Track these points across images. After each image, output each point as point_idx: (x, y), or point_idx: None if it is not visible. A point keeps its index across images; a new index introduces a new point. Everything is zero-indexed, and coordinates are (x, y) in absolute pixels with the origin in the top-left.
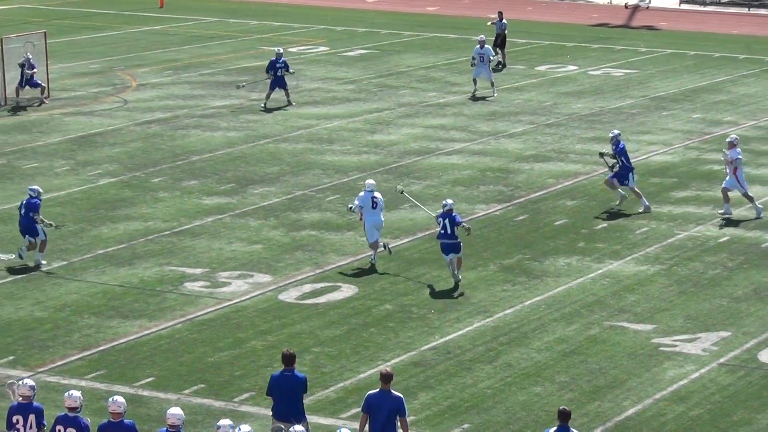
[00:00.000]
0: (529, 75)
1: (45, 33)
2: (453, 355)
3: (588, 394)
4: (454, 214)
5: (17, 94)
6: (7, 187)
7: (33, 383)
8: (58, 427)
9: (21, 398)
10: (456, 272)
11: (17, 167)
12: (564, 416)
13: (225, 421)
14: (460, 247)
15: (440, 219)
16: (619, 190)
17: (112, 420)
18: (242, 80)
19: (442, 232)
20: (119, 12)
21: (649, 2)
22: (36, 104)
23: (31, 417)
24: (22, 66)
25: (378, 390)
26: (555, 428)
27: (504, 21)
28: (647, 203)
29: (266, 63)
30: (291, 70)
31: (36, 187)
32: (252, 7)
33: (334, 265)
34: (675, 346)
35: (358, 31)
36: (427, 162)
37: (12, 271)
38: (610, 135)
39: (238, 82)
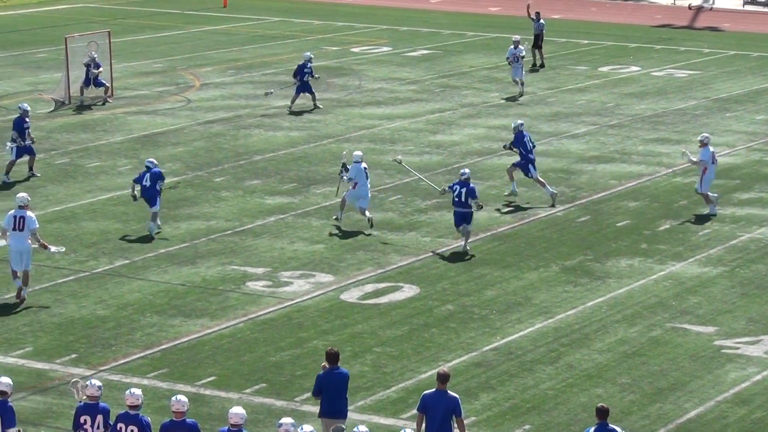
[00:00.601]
0: (592, 76)
1: (109, 32)
2: (514, 355)
3: (649, 395)
4: (471, 185)
5: (82, 93)
6: (70, 185)
7: (100, 383)
8: (120, 425)
9: (87, 398)
10: (465, 243)
11: (80, 166)
12: (602, 413)
13: (287, 420)
14: (472, 218)
15: (455, 187)
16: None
17: (175, 419)
18: (271, 89)
19: (457, 200)
20: (183, 11)
21: (713, 3)
22: (100, 103)
23: (99, 417)
24: (87, 65)
25: (434, 390)
26: (595, 427)
27: (542, 21)
28: (552, 191)
29: (329, 63)
30: (316, 75)
31: (153, 159)
32: (315, 6)
33: (395, 266)
34: (737, 348)
35: (421, 31)
36: (489, 162)
37: (74, 270)
38: (513, 125)
39: (266, 90)
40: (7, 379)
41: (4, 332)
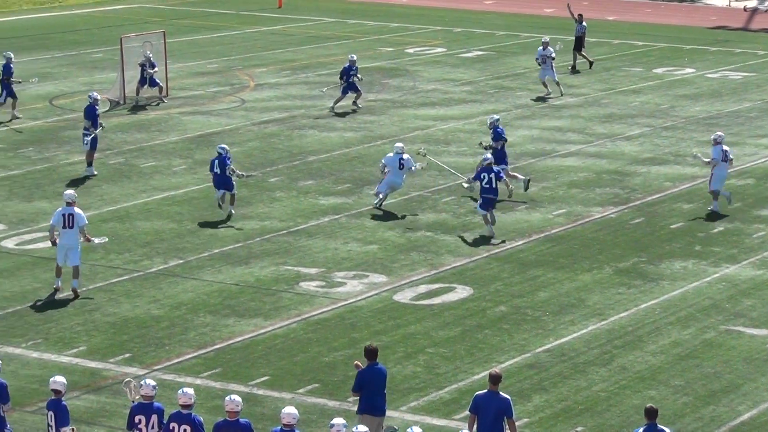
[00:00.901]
0: (647, 77)
1: (164, 33)
2: (567, 357)
3: (703, 398)
4: (496, 169)
5: (137, 93)
6: (125, 185)
7: (155, 383)
8: (172, 424)
9: (141, 398)
10: (491, 226)
11: (135, 166)
12: (651, 414)
13: (338, 420)
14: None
15: (483, 175)
16: (518, 176)
17: (228, 419)
18: (324, 88)
19: (487, 186)
20: (238, 12)
21: None
22: (155, 103)
23: (154, 417)
24: (142, 66)
25: (486, 391)
26: (644, 428)
27: (584, 23)
28: (523, 177)
29: (383, 64)
30: (360, 77)
31: (224, 145)
32: (370, 7)
33: (449, 267)
34: None
35: (476, 32)
36: (543, 164)
37: (128, 270)
38: (488, 120)
39: (320, 88)
40: (61, 378)
41: (58, 331)
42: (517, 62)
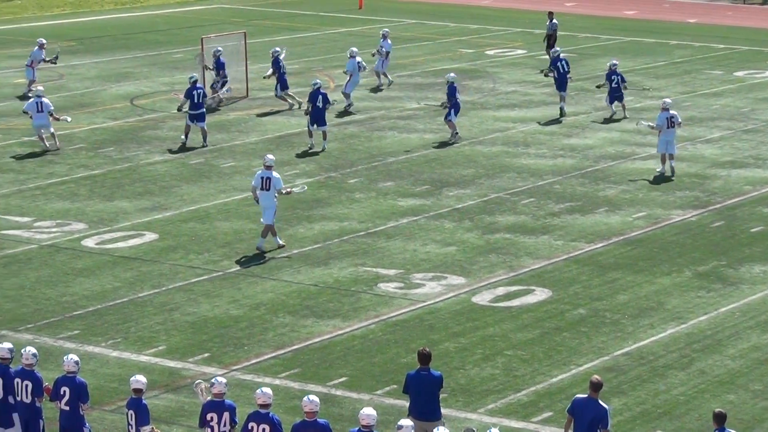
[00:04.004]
0: (727, 80)
1: (245, 33)
2: (646, 361)
3: None
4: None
5: (215, 94)
6: (205, 185)
7: (226, 381)
8: (251, 424)
9: (212, 396)
10: None
11: (215, 166)
12: (720, 419)
13: (406, 422)
14: None
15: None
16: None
17: (307, 419)
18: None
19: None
20: (318, 13)
21: None
22: (225, 103)
23: (225, 414)
24: (217, 67)
25: (586, 396)
26: None
27: (555, 21)
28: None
29: (463, 66)
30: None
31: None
32: (450, 9)
33: (527, 269)
34: None
35: (556, 33)
36: (623, 167)
37: (208, 270)
38: (447, 78)
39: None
40: (141, 377)
41: (138, 330)
42: (597, 64)
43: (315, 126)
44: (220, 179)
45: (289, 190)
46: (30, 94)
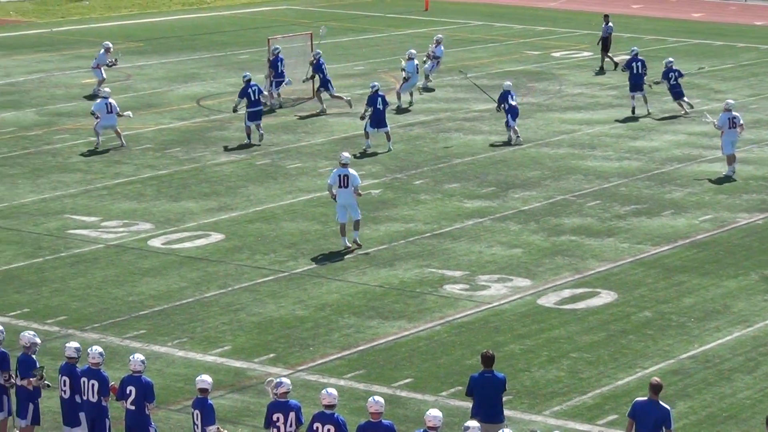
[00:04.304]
0: None
1: (311, 35)
2: (712, 364)
3: None
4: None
5: (277, 96)
6: (271, 186)
7: (289, 381)
8: (316, 424)
9: (277, 396)
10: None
11: (281, 167)
12: None
13: (472, 423)
14: None
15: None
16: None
17: (372, 420)
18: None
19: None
20: (384, 14)
21: None
22: (283, 105)
23: (291, 414)
24: (272, 66)
25: (647, 399)
26: None
27: (610, 24)
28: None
29: (529, 67)
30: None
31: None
32: (517, 11)
33: (593, 271)
34: None
35: (623, 36)
36: (689, 169)
37: (273, 270)
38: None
39: (464, 73)
40: (208, 377)
41: (204, 331)
42: (663, 67)
43: (376, 129)
44: (287, 180)
45: (362, 193)
46: (100, 94)
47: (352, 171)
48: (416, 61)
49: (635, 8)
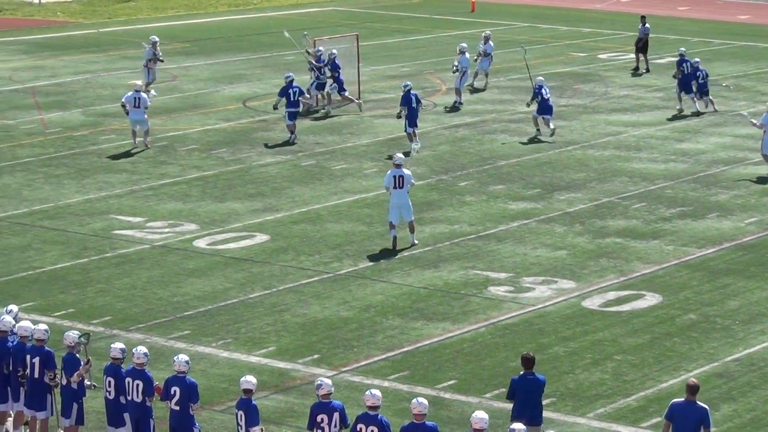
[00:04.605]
0: None
1: (357, 36)
2: (756, 367)
3: None
4: None
5: (329, 100)
6: (316, 187)
7: (330, 382)
8: (360, 425)
9: (320, 398)
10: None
11: (326, 168)
12: None
13: (518, 425)
14: None
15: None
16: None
17: (415, 422)
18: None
19: None
20: (430, 16)
21: None
22: (339, 106)
23: (335, 415)
24: (322, 67)
25: (683, 400)
26: None
27: (647, 26)
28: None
29: (575, 69)
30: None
31: None
32: (563, 12)
33: (638, 273)
34: None
35: (668, 38)
36: (735, 172)
37: (318, 271)
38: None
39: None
40: (252, 378)
41: (248, 331)
42: (709, 69)
43: (412, 129)
44: (331, 181)
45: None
46: (152, 91)
47: (406, 171)
48: (467, 54)
49: (681, 10)
